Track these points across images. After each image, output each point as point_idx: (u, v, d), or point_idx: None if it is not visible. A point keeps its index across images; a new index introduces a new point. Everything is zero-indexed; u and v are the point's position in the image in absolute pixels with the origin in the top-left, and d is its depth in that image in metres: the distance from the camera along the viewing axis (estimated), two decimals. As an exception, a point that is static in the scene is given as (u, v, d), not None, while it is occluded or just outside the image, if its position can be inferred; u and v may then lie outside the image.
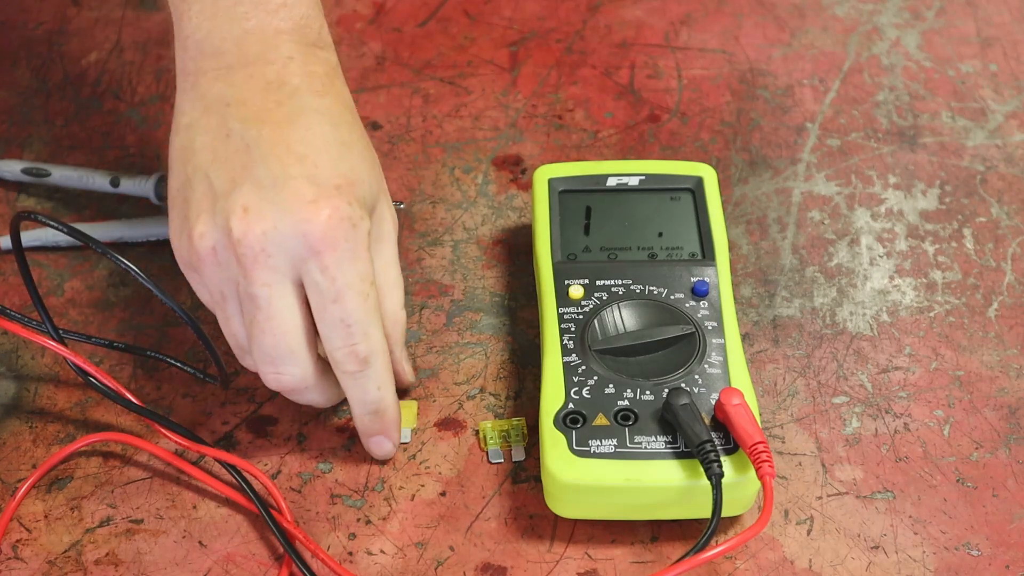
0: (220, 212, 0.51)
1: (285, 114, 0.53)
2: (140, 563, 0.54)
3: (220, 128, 0.53)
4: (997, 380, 0.60)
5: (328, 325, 0.52)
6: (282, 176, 0.51)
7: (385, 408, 0.55)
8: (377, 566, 0.54)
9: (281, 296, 0.52)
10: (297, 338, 0.52)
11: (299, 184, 0.51)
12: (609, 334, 0.57)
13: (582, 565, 0.54)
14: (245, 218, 0.50)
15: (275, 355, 0.53)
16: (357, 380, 0.54)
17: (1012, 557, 0.54)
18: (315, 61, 0.55)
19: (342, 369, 0.53)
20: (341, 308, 0.52)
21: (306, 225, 0.50)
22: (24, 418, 0.59)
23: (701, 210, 0.62)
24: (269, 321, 0.52)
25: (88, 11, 0.82)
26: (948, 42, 0.79)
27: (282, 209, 0.51)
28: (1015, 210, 0.69)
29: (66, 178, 0.69)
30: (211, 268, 0.52)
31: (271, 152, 0.52)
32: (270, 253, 0.51)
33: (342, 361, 0.53)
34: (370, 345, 0.53)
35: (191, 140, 0.54)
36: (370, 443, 0.56)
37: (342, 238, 0.51)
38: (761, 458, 0.51)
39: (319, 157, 0.52)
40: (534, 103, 0.75)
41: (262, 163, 0.51)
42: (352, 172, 0.53)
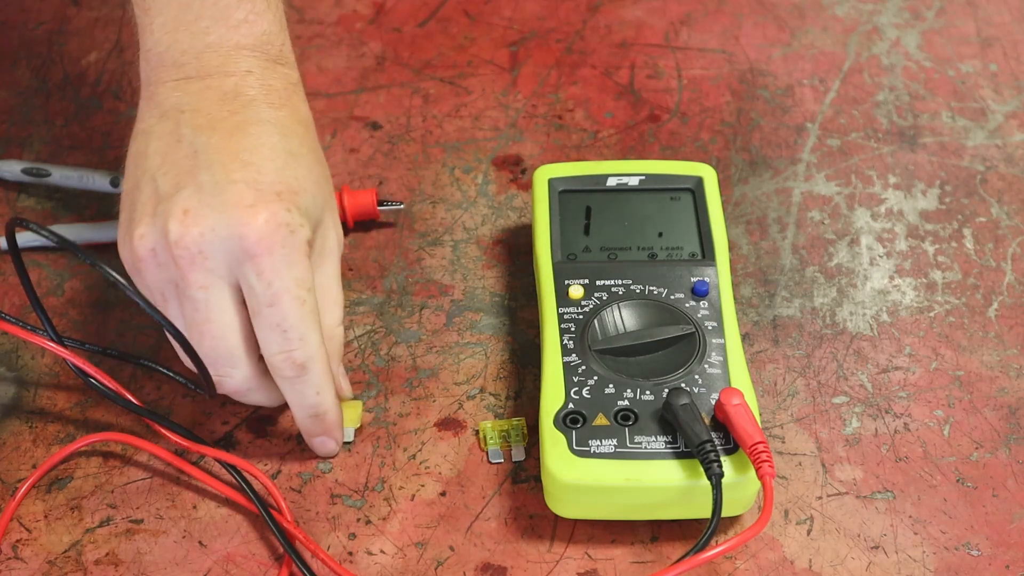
0: (160, 214, 0.51)
1: (236, 123, 0.53)
2: (140, 563, 0.54)
3: (172, 134, 0.53)
4: (997, 380, 0.60)
5: (264, 330, 0.52)
6: (224, 180, 0.51)
7: (325, 411, 0.55)
8: (377, 566, 0.54)
9: (218, 299, 0.52)
10: (235, 340, 0.53)
11: (239, 189, 0.51)
12: (609, 334, 0.57)
13: (582, 565, 0.54)
14: (184, 220, 0.51)
15: (215, 357, 0.53)
16: (295, 385, 0.54)
17: (1012, 557, 0.54)
18: (274, 76, 0.56)
19: (280, 374, 0.53)
20: (277, 312, 0.51)
21: (243, 228, 0.51)
22: (24, 418, 0.59)
23: (701, 210, 0.62)
24: (207, 323, 0.52)
25: (88, 11, 0.82)
26: (948, 42, 0.79)
27: (220, 212, 0.51)
28: (1015, 210, 0.69)
29: (66, 178, 0.69)
30: (151, 269, 0.52)
31: (216, 158, 0.52)
32: (207, 255, 0.51)
33: (280, 367, 0.53)
34: (307, 351, 0.53)
35: (145, 145, 0.54)
36: (313, 443, 0.57)
37: (279, 243, 0.51)
38: (761, 458, 0.51)
39: (263, 164, 0.52)
40: (534, 103, 0.75)
41: (206, 168, 0.52)
42: (295, 181, 0.53)
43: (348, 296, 0.64)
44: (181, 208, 0.51)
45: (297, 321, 0.52)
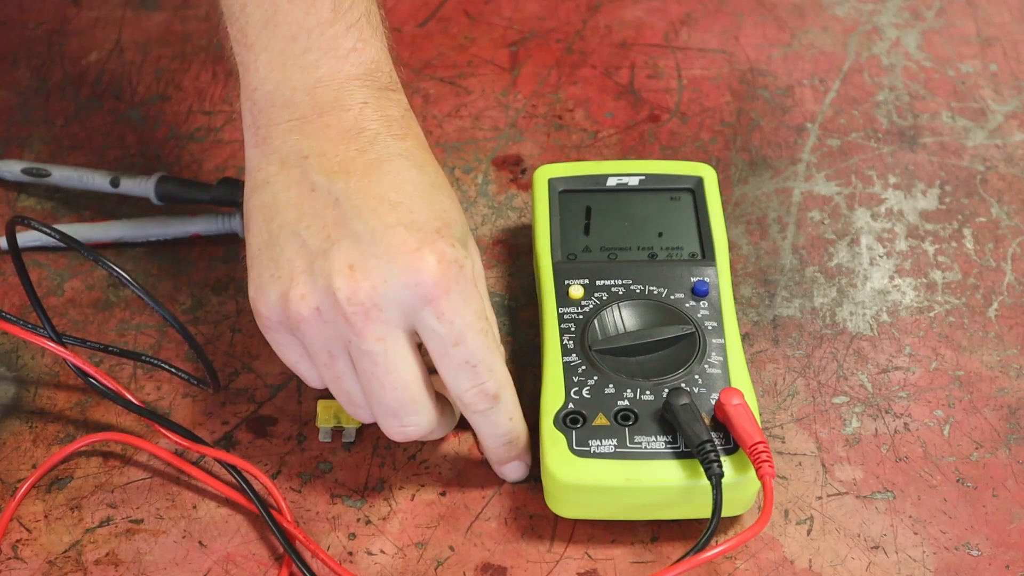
0: (321, 272, 0.49)
1: (369, 162, 0.51)
2: (140, 563, 0.54)
3: (302, 182, 0.51)
4: (997, 380, 0.60)
5: (452, 369, 0.51)
6: (380, 227, 0.50)
7: (518, 436, 0.54)
8: (377, 566, 0.54)
9: (397, 349, 0.50)
10: (418, 388, 0.51)
11: (399, 233, 0.49)
12: (609, 334, 0.57)
13: (582, 565, 0.54)
14: (352, 275, 0.49)
15: (398, 408, 0.51)
16: (488, 417, 0.53)
17: (1012, 557, 0.54)
18: (390, 104, 0.54)
19: (473, 409, 0.52)
20: (464, 350, 0.50)
21: (416, 275, 0.49)
22: (24, 418, 0.59)
23: (701, 210, 0.62)
24: (389, 375, 0.50)
25: (88, 11, 0.82)
26: (948, 42, 0.79)
27: (388, 262, 0.49)
28: (1015, 210, 0.69)
29: (66, 178, 0.69)
30: (315, 329, 0.50)
31: (364, 204, 0.50)
32: (382, 308, 0.49)
33: (472, 402, 0.52)
34: (497, 380, 0.52)
35: (272, 197, 0.52)
36: (504, 469, 0.56)
37: (453, 281, 0.50)
38: (761, 458, 0.51)
39: (413, 203, 0.51)
40: (534, 103, 0.75)
41: (356, 217, 0.50)
42: (446, 213, 0.51)
43: None
44: (345, 263, 0.49)
45: (485, 354, 0.51)
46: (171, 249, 0.67)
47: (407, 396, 0.51)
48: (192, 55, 0.79)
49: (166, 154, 0.72)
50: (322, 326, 0.50)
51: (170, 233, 0.67)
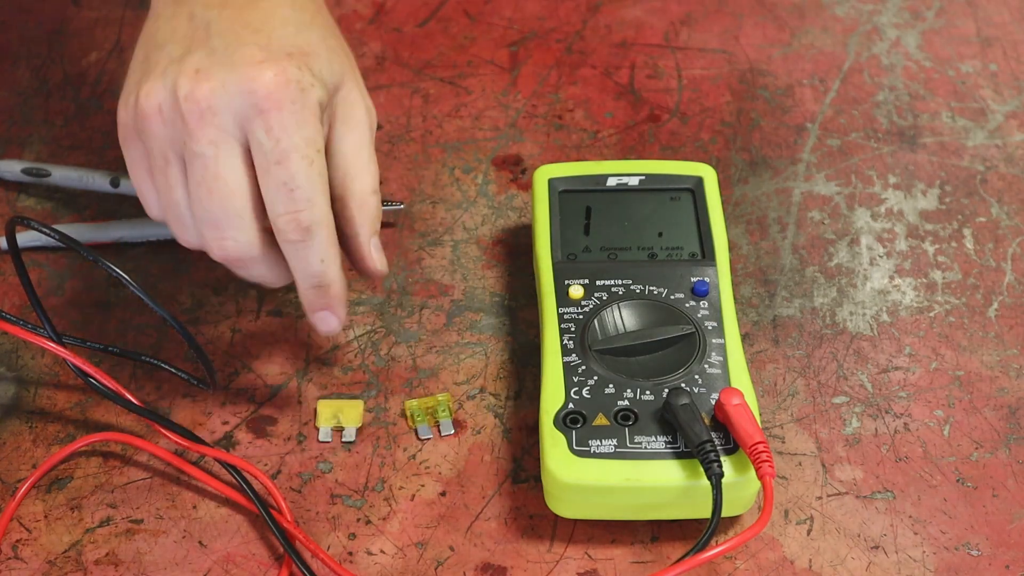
0: (170, 74, 0.52)
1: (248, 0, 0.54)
2: (140, 563, 0.54)
3: (183, 15, 0.54)
4: (997, 380, 0.60)
5: (271, 189, 0.51)
6: (235, 43, 0.52)
7: (329, 282, 0.54)
8: (377, 566, 0.54)
9: (227, 155, 0.51)
10: (242, 200, 0.52)
11: (250, 49, 0.51)
12: (609, 334, 0.57)
13: (582, 565, 0.54)
14: (195, 77, 0.51)
15: (220, 217, 0.52)
16: (299, 250, 0.53)
17: (1012, 557, 0.54)
18: None
19: (284, 238, 0.52)
20: (284, 170, 0.51)
21: (252, 83, 0.50)
22: (24, 418, 0.59)
23: (701, 210, 0.62)
24: (215, 180, 0.51)
25: (88, 11, 0.82)
26: (948, 42, 0.79)
27: (230, 69, 0.51)
28: (1015, 210, 0.69)
29: (66, 178, 0.69)
30: (156, 127, 0.52)
31: (228, 27, 0.52)
32: (216, 111, 0.51)
33: (284, 228, 0.52)
34: (313, 214, 0.52)
35: (155, 27, 0.55)
36: (315, 318, 0.55)
37: (288, 99, 0.51)
38: (761, 458, 0.51)
39: (275, 31, 0.53)
40: (534, 103, 0.75)
41: (217, 35, 0.52)
42: (307, 45, 0.53)
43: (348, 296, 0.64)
44: (192, 68, 0.51)
45: (304, 181, 0.51)
46: (171, 249, 0.67)
47: (230, 206, 0.51)
48: (192, 55, 0.79)
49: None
50: (161, 125, 0.52)
51: (170, 233, 0.67)
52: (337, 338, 0.62)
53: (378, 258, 0.57)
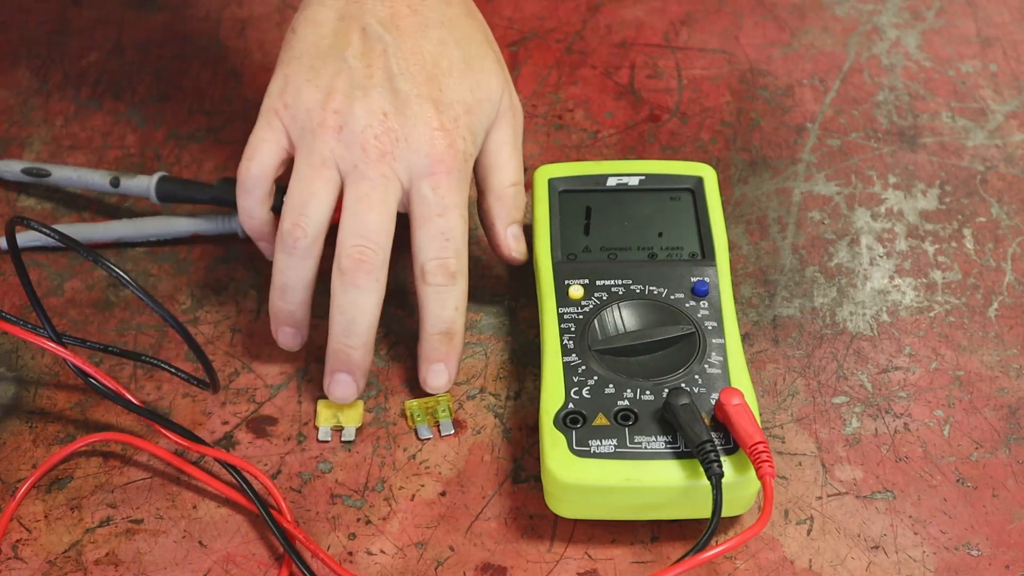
0: (359, 102, 0.57)
1: (416, 23, 0.58)
2: (140, 563, 0.54)
3: (355, 19, 0.58)
4: (997, 380, 0.60)
5: (428, 236, 0.57)
6: (415, 95, 0.57)
7: (455, 332, 0.58)
8: (377, 566, 0.54)
9: (393, 190, 0.57)
10: (390, 225, 0.57)
11: (428, 108, 0.57)
12: (609, 334, 0.57)
13: (582, 565, 0.54)
14: (384, 120, 0.57)
15: (369, 231, 0.56)
16: (440, 294, 0.58)
17: (1012, 557, 0.54)
18: None
19: (429, 281, 0.57)
20: (445, 222, 0.57)
21: (429, 148, 0.57)
22: (24, 418, 0.59)
23: (701, 210, 0.62)
24: (382, 202, 0.56)
25: (88, 11, 0.82)
26: (948, 42, 0.79)
27: (413, 127, 0.57)
28: (1015, 210, 0.69)
29: (66, 178, 0.69)
30: (330, 140, 0.57)
31: (406, 66, 0.58)
32: (396, 157, 0.57)
33: (432, 272, 0.57)
34: (460, 263, 0.58)
35: (326, 17, 0.59)
36: (429, 370, 0.59)
37: (456, 167, 0.57)
38: (761, 458, 0.51)
39: (444, 80, 0.58)
40: (534, 103, 0.75)
41: (399, 75, 0.57)
42: (471, 96, 0.59)
43: None
44: (380, 109, 0.57)
45: (459, 235, 0.58)
46: (171, 249, 0.67)
47: (385, 226, 0.57)
48: (192, 55, 0.79)
49: (166, 154, 0.72)
50: (337, 142, 0.57)
51: (170, 233, 0.67)
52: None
53: (515, 246, 0.62)
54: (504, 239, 0.62)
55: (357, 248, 0.56)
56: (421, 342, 0.59)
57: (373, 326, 0.57)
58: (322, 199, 0.57)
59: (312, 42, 0.58)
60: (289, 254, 0.57)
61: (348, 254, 0.56)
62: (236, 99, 0.76)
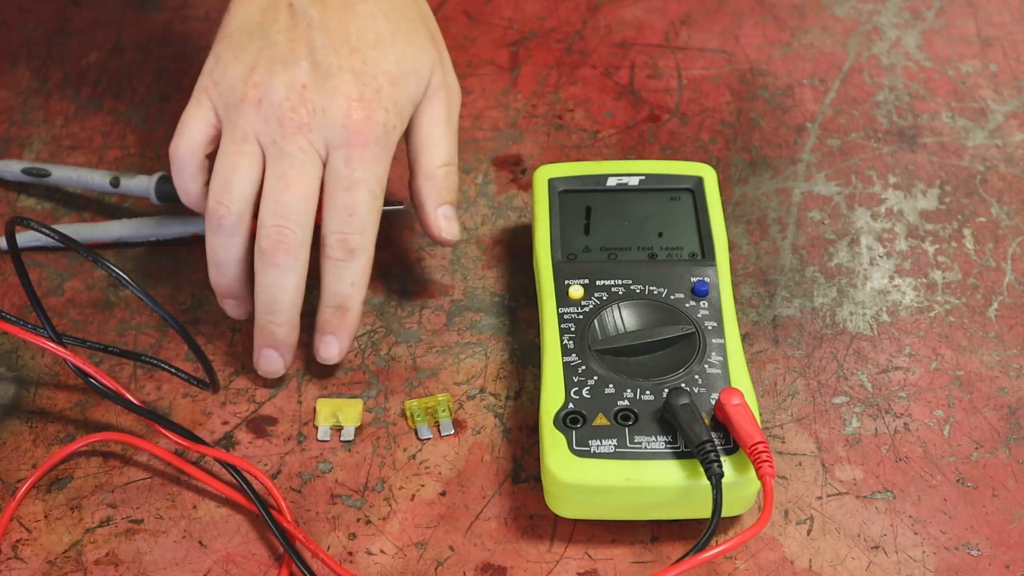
0: (278, 75, 0.56)
1: None
2: (140, 563, 0.54)
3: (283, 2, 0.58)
4: (997, 380, 0.60)
5: (333, 209, 0.57)
6: (336, 66, 0.57)
7: (349, 306, 0.58)
8: (377, 566, 0.54)
9: (312, 164, 0.57)
10: (310, 203, 0.57)
11: (348, 78, 0.57)
12: (609, 334, 0.57)
13: (582, 565, 0.54)
14: (302, 93, 0.56)
15: (288, 210, 0.56)
16: (337, 268, 0.57)
17: (1012, 557, 0.54)
18: None
19: (329, 253, 0.57)
20: (351, 197, 0.57)
21: (346, 119, 0.56)
22: (24, 418, 0.59)
23: (701, 210, 0.62)
24: (298, 180, 0.56)
25: (88, 11, 0.82)
26: (948, 42, 0.79)
27: (332, 98, 0.56)
28: (1015, 210, 0.69)
29: (66, 178, 0.69)
30: (251, 113, 0.57)
31: (329, 39, 0.57)
32: (312, 129, 0.56)
33: (332, 245, 0.57)
34: (362, 240, 0.57)
35: (251, 9, 0.59)
36: (322, 341, 0.59)
37: (373, 140, 0.57)
38: (761, 458, 0.51)
39: (368, 52, 0.57)
40: (534, 103, 0.75)
41: (320, 48, 0.57)
42: (396, 68, 0.58)
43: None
44: (300, 82, 0.56)
45: (364, 210, 0.57)
46: (171, 249, 0.67)
47: (302, 204, 0.56)
48: (192, 55, 0.79)
49: (166, 154, 0.72)
50: (257, 115, 0.57)
51: (170, 233, 0.67)
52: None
53: (446, 227, 0.61)
54: (434, 219, 0.61)
55: (276, 228, 0.56)
56: (318, 312, 0.59)
57: (295, 303, 0.58)
58: (244, 175, 0.57)
59: (242, 19, 0.59)
60: (216, 232, 0.58)
61: (267, 234, 0.56)
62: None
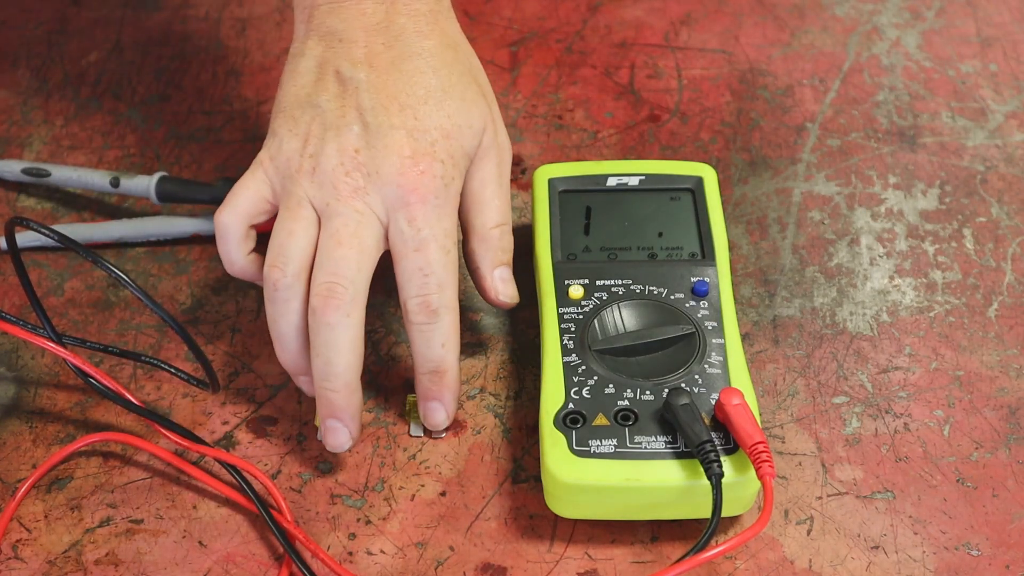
0: (331, 142, 0.55)
1: (391, 59, 0.57)
2: (140, 563, 0.54)
3: (331, 63, 0.57)
4: (997, 380, 0.60)
5: (406, 273, 0.55)
6: (386, 125, 0.55)
7: (446, 368, 0.56)
8: (377, 566, 0.54)
9: (369, 223, 0.55)
10: (363, 259, 0.55)
11: (400, 136, 0.55)
12: (609, 334, 0.57)
13: (582, 565, 0.54)
14: (355, 157, 0.55)
15: (338, 267, 0.54)
16: (424, 332, 0.55)
17: (1012, 557, 0.54)
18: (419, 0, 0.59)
19: (413, 319, 0.55)
20: (422, 257, 0.55)
21: (401, 178, 0.55)
22: (24, 418, 0.59)
23: (701, 210, 0.62)
24: (352, 236, 0.54)
25: (88, 11, 0.82)
26: (948, 42, 0.79)
27: (384, 158, 0.55)
28: (1015, 210, 0.69)
29: (66, 178, 0.69)
30: (305, 182, 0.56)
31: (378, 99, 0.56)
32: (368, 192, 0.55)
33: (414, 310, 0.55)
34: (443, 298, 0.55)
35: (305, 68, 0.58)
36: (426, 408, 0.57)
37: (432, 195, 0.55)
38: (761, 458, 0.51)
39: (419, 109, 0.56)
40: (534, 103, 0.75)
41: (369, 109, 0.56)
42: (449, 122, 0.56)
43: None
44: (352, 146, 0.55)
45: (440, 268, 0.55)
46: (171, 249, 0.67)
47: (354, 258, 0.54)
48: (192, 55, 0.79)
49: (166, 154, 0.72)
50: (311, 182, 0.55)
51: (170, 233, 0.67)
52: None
53: (503, 289, 0.60)
54: (491, 283, 0.59)
55: (326, 285, 0.54)
56: (415, 382, 0.57)
57: (350, 365, 0.55)
58: (299, 237, 0.55)
59: (294, 93, 0.57)
60: (272, 299, 0.55)
61: (316, 292, 0.54)
62: (236, 99, 0.76)
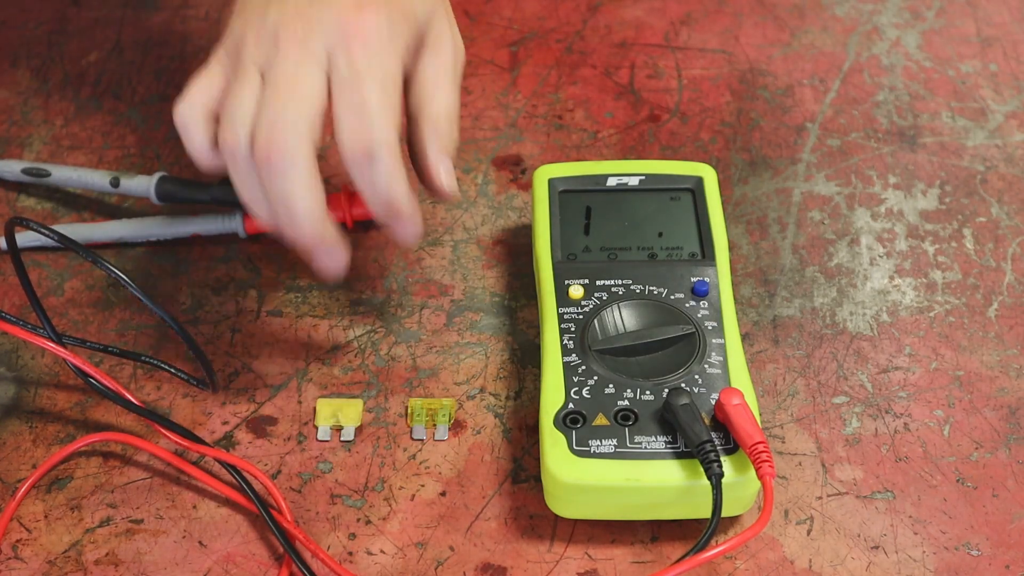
0: (274, 6, 0.54)
1: None
2: (140, 563, 0.54)
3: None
4: (997, 380, 0.60)
5: (342, 111, 0.53)
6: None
7: (397, 200, 0.54)
8: (377, 566, 0.54)
9: (308, 69, 0.53)
10: (304, 106, 0.52)
11: None
12: (609, 334, 0.57)
13: (582, 565, 0.54)
14: (294, 14, 0.54)
15: (280, 115, 0.52)
16: (365, 173, 0.53)
17: (1012, 557, 0.54)
18: None
19: (349, 160, 0.53)
20: (357, 94, 0.53)
21: (343, 20, 0.53)
22: (24, 418, 0.59)
23: (701, 210, 0.62)
24: (289, 85, 0.53)
25: (88, 11, 0.82)
26: (948, 42, 0.79)
27: (327, 7, 0.53)
28: (1015, 210, 0.69)
29: (66, 178, 0.69)
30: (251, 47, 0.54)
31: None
32: (308, 39, 0.53)
33: (350, 149, 0.53)
34: (379, 135, 0.53)
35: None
36: (395, 231, 0.56)
37: (374, 36, 0.53)
38: (761, 458, 0.51)
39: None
40: (534, 103, 0.75)
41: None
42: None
43: (348, 296, 0.64)
44: (293, 8, 0.54)
45: (376, 106, 0.53)
46: (171, 249, 0.67)
47: (296, 106, 0.52)
48: (192, 55, 0.79)
49: (166, 154, 0.72)
50: (256, 46, 0.54)
51: (170, 233, 0.67)
52: (337, 338, 0.62)
53: (447, 179, 0.57)
54: (436, 169, 0.56)
55: (265, 136, 0.52)
56: (375, 216, 0.56)
57: (311, 210, 0.53)
58: (245, 98, 0.53)
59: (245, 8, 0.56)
60: (234, 167, 0.54)
61: (259, 145, 0.52)
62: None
